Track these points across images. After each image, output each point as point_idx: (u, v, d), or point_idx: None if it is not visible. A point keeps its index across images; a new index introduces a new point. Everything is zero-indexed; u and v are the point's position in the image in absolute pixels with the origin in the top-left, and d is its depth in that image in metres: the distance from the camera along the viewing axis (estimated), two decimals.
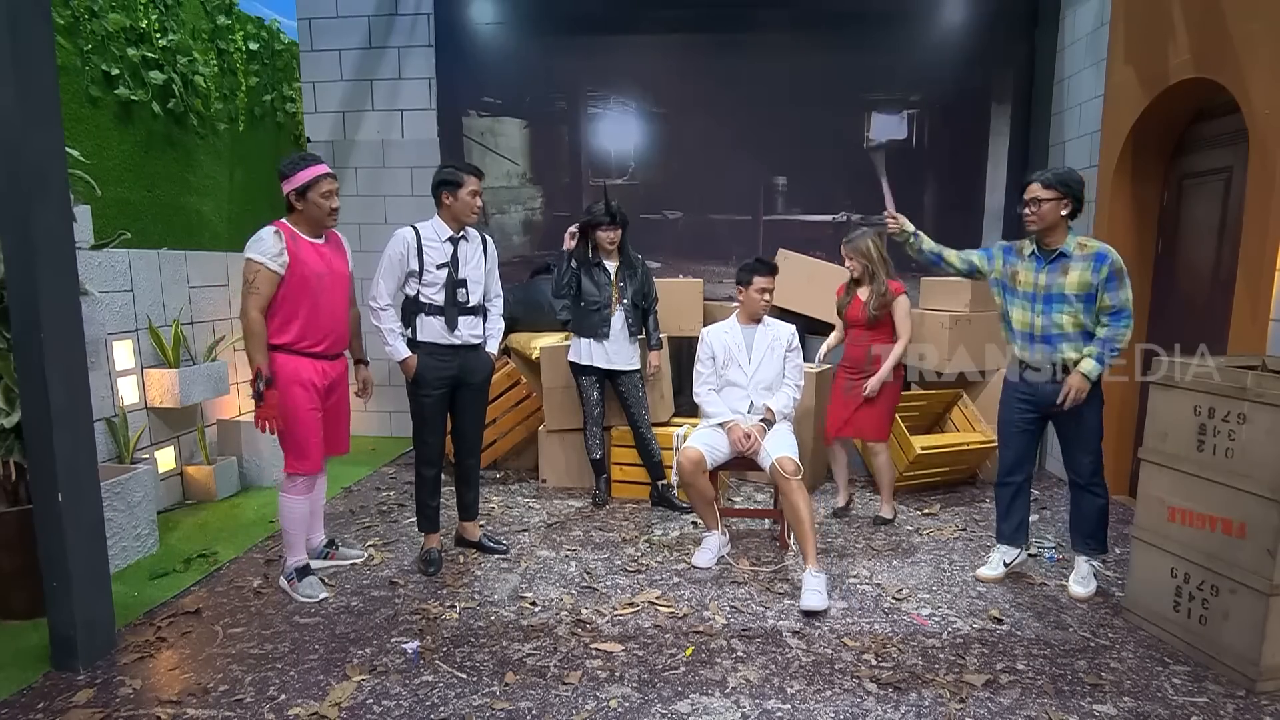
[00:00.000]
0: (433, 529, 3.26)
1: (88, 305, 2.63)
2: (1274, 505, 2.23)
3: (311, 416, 2.86)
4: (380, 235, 5.37)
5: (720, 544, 3.30)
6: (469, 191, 3.02)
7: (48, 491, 2.35)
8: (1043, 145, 4.81)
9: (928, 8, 4.87)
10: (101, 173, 3.87)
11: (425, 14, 5.16)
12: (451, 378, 3.11)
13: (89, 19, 3.86)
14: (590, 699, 2.27)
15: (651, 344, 3.98)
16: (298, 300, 2.77)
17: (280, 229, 2.75)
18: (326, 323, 2.86)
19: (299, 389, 2.81)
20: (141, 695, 2.30)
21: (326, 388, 2.91)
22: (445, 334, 3.06)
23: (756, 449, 3.13)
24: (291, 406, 2.81)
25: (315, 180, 2.76)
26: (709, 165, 5.13)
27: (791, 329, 3.34)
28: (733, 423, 3.18)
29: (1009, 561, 3.12)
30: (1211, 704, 2.25)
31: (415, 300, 3.06)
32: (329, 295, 2.86)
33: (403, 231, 3.05)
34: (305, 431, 2.85)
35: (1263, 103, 2.94)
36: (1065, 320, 2.78)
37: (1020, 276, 2.88)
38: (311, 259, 2.81)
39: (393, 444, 5.35)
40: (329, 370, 2.91)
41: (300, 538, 2.99)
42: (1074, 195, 2.73)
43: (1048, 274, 2.80)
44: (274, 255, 2.71)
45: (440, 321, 3.05)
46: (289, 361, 2.80)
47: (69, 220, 2.44)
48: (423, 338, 3.06)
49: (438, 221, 3.08)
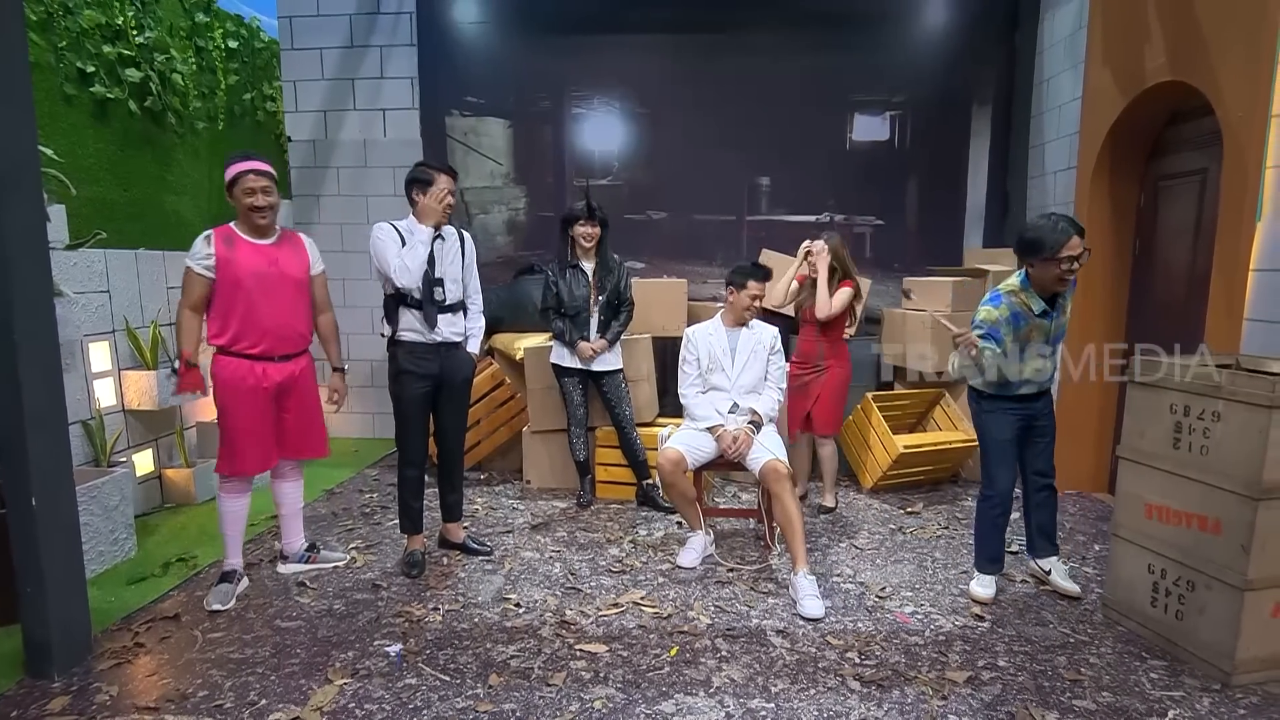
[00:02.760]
0: (416, 530, 3.24)
1: (62, 306, 2.60)
2: (1248, 501, 2.26)
3: (247, 420, 2.81)
4: (363, 235, 5.30)
5: (705, 544, 3.30)
6: (441, 189, 3.00)
7: (22, 496, 2.31)
8: (1023, 147, 4.86)
9: (909, 10, 4.91)
10: (77, 172, 3.81)
11: (407, 13, 5.13)
12: (433, 377, 3.09)
13: (63, 15, 3.80)
14: (574, 700, 2.26)
15: (606, 335, 3.87)
16: (230, 302, 2.76)
17: (215, 233, 2.76)
18: (266, 324, 2.79)
19: (235, 391, 2.79)
20: (119, 702, 2.27)
21: (274, 391, 2.86)
22: (425, 332, 3.03)
23: (744, 453, 3.14)
24: (224, 408, 2.80)
25: (237, 177, 2.73)
26: (693, 165, 5.14)
27: (774, 331, 3.35)
28: (721, 428, 3.18)
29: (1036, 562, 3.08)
30: (1187, 697, 2.28)
31: (397, 294, 3.03)
32: (270, 296, 2.80)
33: (382, 224, 3.02)
34: (234, 435, 2.82)
35: (1236, 105, 2.99)
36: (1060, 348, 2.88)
37: (1034, 334, 2.78)
38: (250, 260, 2.77)
39: (376, 446, 5.31)
40: (272, 372, 2.84)
41: (231, 540, 2.97)
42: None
43: (1053, 319, 2.78)
44: (200, 259, 2.73)
45: (419, 317, 3.02)
46: (227, 364, 2.79)
47: (43, 220, 2.40)
48: (404, 336, 3.05)
49: (412, 220, 3.05)
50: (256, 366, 2.81)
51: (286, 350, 2.88)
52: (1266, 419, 2.20)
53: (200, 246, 2.74)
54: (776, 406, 3.32)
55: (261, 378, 2.82)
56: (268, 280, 2.79)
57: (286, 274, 2.85)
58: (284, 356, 2.87)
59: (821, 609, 2.78)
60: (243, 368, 2.79)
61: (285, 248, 2.89)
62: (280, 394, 2.88)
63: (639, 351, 4.20)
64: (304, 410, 2.98)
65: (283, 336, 2.85)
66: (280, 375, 2.86)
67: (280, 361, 2.86)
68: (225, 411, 2.83)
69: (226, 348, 2.79)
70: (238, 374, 2.79)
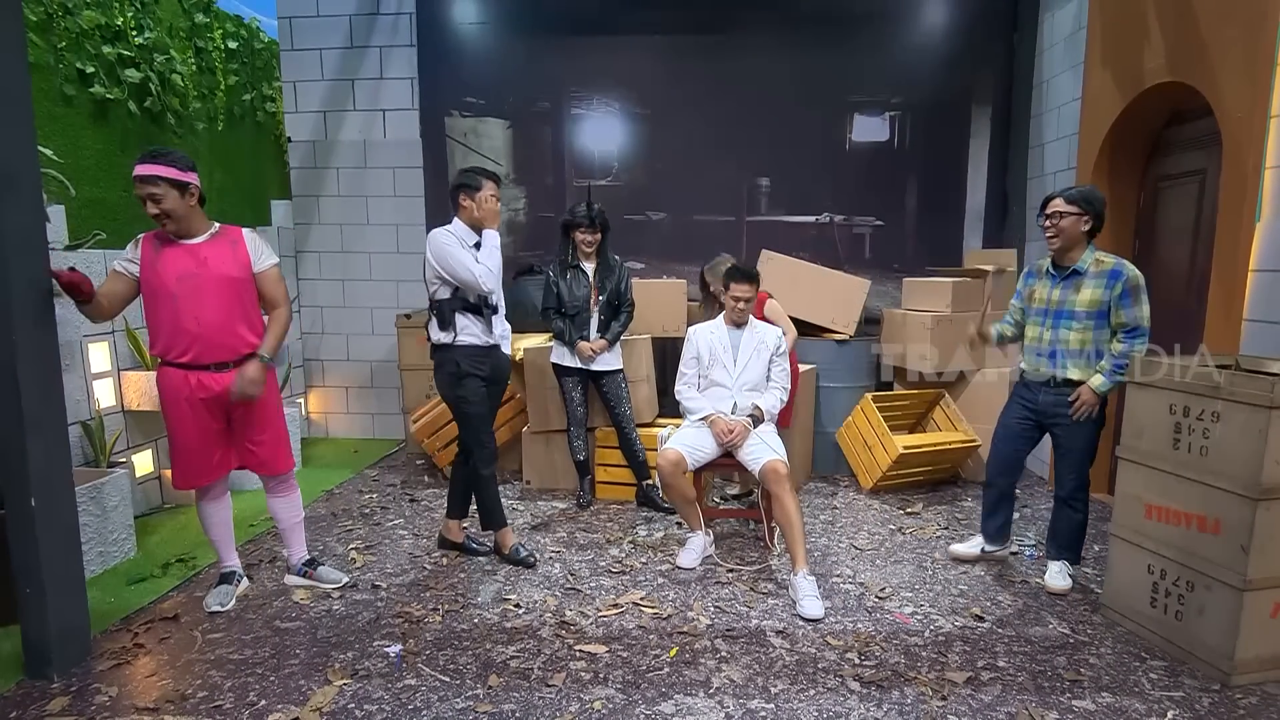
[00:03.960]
0: (504, 523, 3.31)
1: (62, 307, 2.59)
2: (1247, 502, 2.27)
3: (185, 432, 2.70)
4: (362, 236, 5.36)
5: (705, 544, 3.30)
6: (489, 195, 3.05)
7: (21, 496, 2.31)
8: (1022, 147, 4.87)
9: (909, 10, 4.91)
10: (76, 172, 3.81)
11: (407, 13, 5.13)
12: (488, 378, 3.14)
13: (62, 16, 3.80)
14: (574, 701, 2.26)
15: (606, 335, 3.89)
16: (154, 309, 2.63)
17: (145, 236, 2.66)
18: (190, 328, 2.60)
19: (173, 403, 2.68)
20: (118, 703, 2.26)
21: (215, 401, 2.69)
22: (484, 335, 3.09)
23: (739, 443, 3.14)
24: (165, 420, 2.73)
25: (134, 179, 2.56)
26: (692, 166, 5.14)
27: (778, 332, 3.36)
28: (714, 416, 3.19)
29: (987, 550, 3.25)
30: (1187, 698, 2.28)
31: (453, 298, 3.04)
32: (196, 298, 2.60)
33: (439, 231, 3.04)
34: (174, 447, 2.75)
35: (1235, 106, 2.99)
36: (1071, 337, 2.83)
37: (1036, 294, 2.94)
38: (175, 262, 2.60)
39: (376, 446, 5.31)
40: (209, 382, 2.66)
41: (219, 543, 2.95)
42: (1095, 212, 2.77)
43: (1061, 290, 2.85)
44: (124, 259, 2.64)
45: (479, 322, 3.07)
46: (165, 375, 2.68)
47: (42, 220, 2.39)
48: (463, 340, 3.06)
49: (459, 224, 3.07)
50: (191, 376, 2.64)
51: (220, 358, 2.66)
52: (1266, 419, 2.20)
53: (129, 248, 2.65)
54: (778, 405, 3.32)
55: (197, 388, 2.65)
56: (193, 282, 2.59)
57: (217, 274, 2.63)
58: (219, 365, 2.67)
59: (821, 609, 2.78)
60: (177, 378, 2.65)
61: (219, 245, 2.68)
62: (227, 404, 2.72)
63: (639, 351, 4.20)
64: (255, 422, 2.79)
65: (212, 343, 2.64)
66: (219, 385, 2.67)
67: (217, 371, 2.67)
68: (166, 423, 2.73)
69: (161, 358, 2.67)
70: (173, 384, 2.66)
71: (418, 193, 5.29)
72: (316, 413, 5.63)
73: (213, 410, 2.72)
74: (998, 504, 3.17)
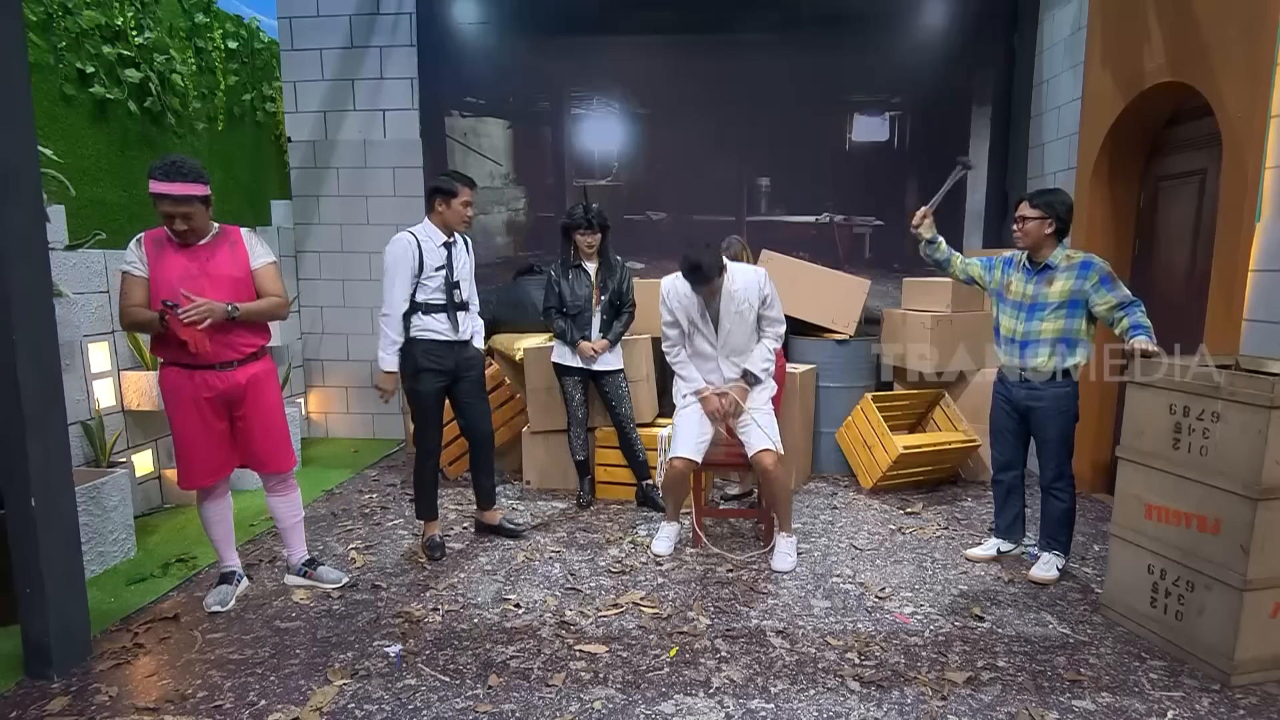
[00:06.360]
0: (434, 516, 3.42)
1: (62, 307, 2.59)
2: (1247, 501, 2.26)
3: (189, 432, 2.72)
4: (362, 236, 5.36)
5: (676, 531, 3.41)
6: (462, 201, 3.16)
7: (21, 496, 2.31)
8: (1022, 147, 4.87)
9: (909, 10, 4.91)
10: (76, 172, 3.81)
11: (407, 13, 5.13)
12: (449, 372, 3.23)
13: (62, 15, 3.80)
14: (574, 701, 2.26)
15: (608, 335, 3.88)
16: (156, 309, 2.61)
17: (145, 236, 2.66)
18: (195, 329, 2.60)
19: (176, 403, 2.70)
20: (118, 703, 2.26)
21: (219, 400, 2.72)
22: (449, 331, 3.18)
23: (731, 411, 3.20)
24: (169, 419, 2.75)
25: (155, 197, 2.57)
26: (692, 166, 5.14)
27: (759, 278, 3.20)
28: (705, 393, 3.22)
29: (1004, 550, 3.30)
30: (1187, 698, 2.28)
31: (412, 300, 3.15)
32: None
33: (401, 237, 3.13)
34: (179, 447, 2.77)
35: (1235, 106, 2.99)
36: (1044, 327, 2.94)
37: (1013, 286, 3.05)
38: (178, 264, 2.63)
39: (376, 446, 5.31)
40: (214, 381, 2.69)
41: (219, 543, 2.96)
42: (1058, 216, 2.89)
43: (1034, 285, 2.97)
44: (131, 263, 2.64)
45: (442, 320, 3.18)
46: (167, 375, 2.70)
47: (42, 220, 2.39)
48: (420, 335, 3.16)
49: (429, 226, 3.18)
50: (195, 376, 2.66)
51: (224, 357, 2.69)
52: (1266, 419, 2.20)
53: (131, 250, 2.63)
54: (769, 359, 3.25)
55: (201, 387, 2.67)
56: (195, 283, 2.61)
57: (219, 275, 2.67)
58: (223, 364, 2.69)
59: (790, 564, 2.94)
60: (181, 377, 2.67)
61: (220, 247, 2.70)
62: (230, 403, 2.75)
63: (639, 351, 4.20)
64: (258, 421, 2.81)
65: (221, 341, 2.66)
66: (224, 384, 2.70)
67: (221, 370, 2.69)
68: (171, 424, 2.75)
69: (169, 360, 2.69)
70: (176, 384, 2.68)
71: (418, 193, 5.29)
72: (316, 413, 5.63)
73: (216, 409, 2.74)
74: (1006, 499, 3.27)
